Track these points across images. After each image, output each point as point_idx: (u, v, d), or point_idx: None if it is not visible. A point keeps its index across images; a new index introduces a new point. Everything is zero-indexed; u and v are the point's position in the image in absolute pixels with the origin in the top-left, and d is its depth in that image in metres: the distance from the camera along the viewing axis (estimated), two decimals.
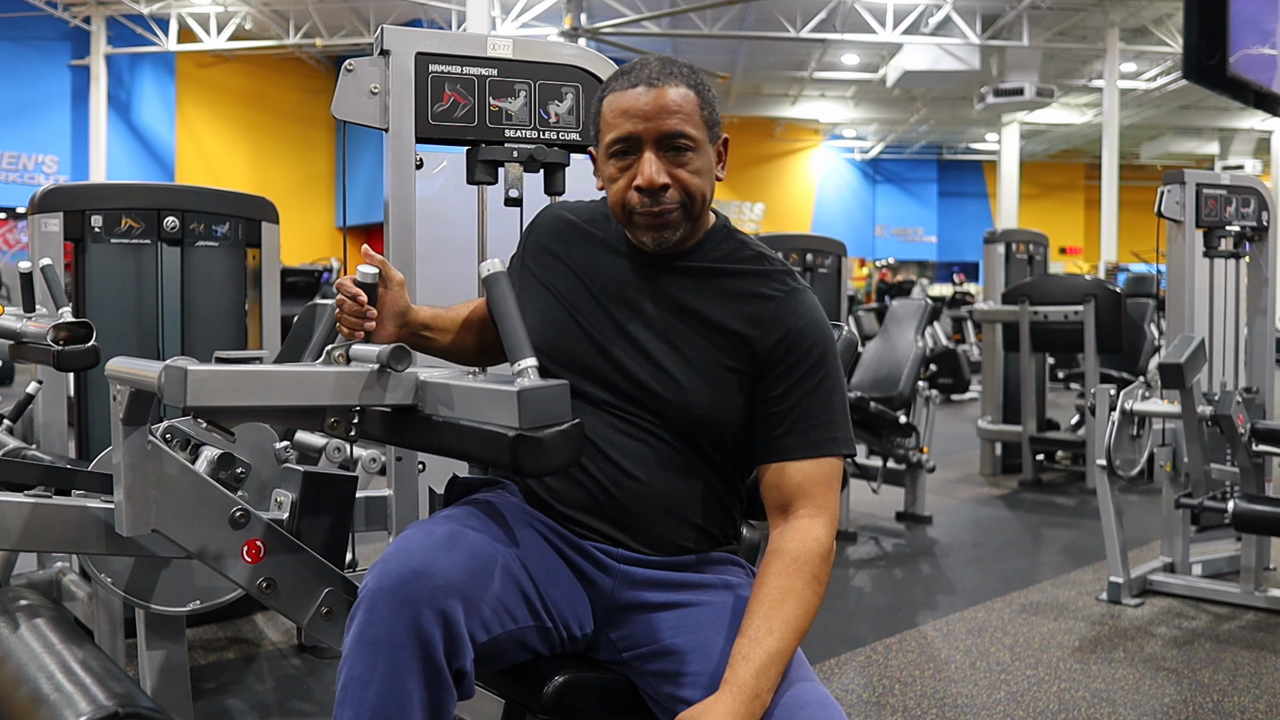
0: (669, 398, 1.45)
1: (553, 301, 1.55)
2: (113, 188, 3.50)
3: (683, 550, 1.48)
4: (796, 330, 1.46)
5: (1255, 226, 4.29)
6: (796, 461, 1.42)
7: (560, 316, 1.53)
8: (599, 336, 1.50)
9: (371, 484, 3.83)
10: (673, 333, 1.48)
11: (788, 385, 1.44)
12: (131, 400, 1.39)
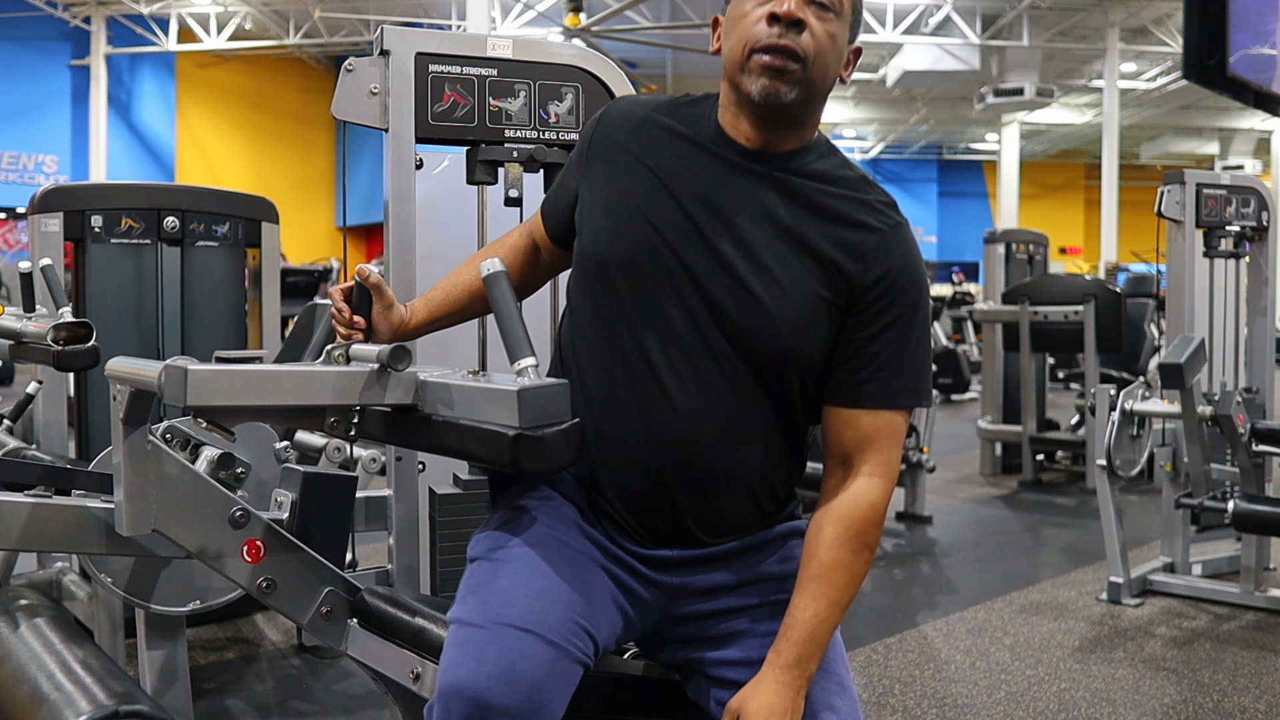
0: (756, 326, 1.32)
1: (624, 205, 1.37)
2: (113, 188, 3.50)
3: (747, 516, 1.39)
4: (898, 270, 1.34)
5: (1255, 226, 4.29)
6: (870, 410, 1.35)
7: (634, 223, 1.36)
8: (680, 249, 1.34)
9: (371, 484, 3.83)
10: (767, 252, 1.33)
11: (880, 328, 1.34)
12: (131, 400, 1.39)
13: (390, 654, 1.58)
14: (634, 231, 1.36)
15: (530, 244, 1.61)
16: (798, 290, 1.33)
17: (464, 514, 2.31)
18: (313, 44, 16.54)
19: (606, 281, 1.37)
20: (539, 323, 2.46)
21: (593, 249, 1.39)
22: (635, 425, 1.35)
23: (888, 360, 1.34)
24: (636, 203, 1.36)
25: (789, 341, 1.33)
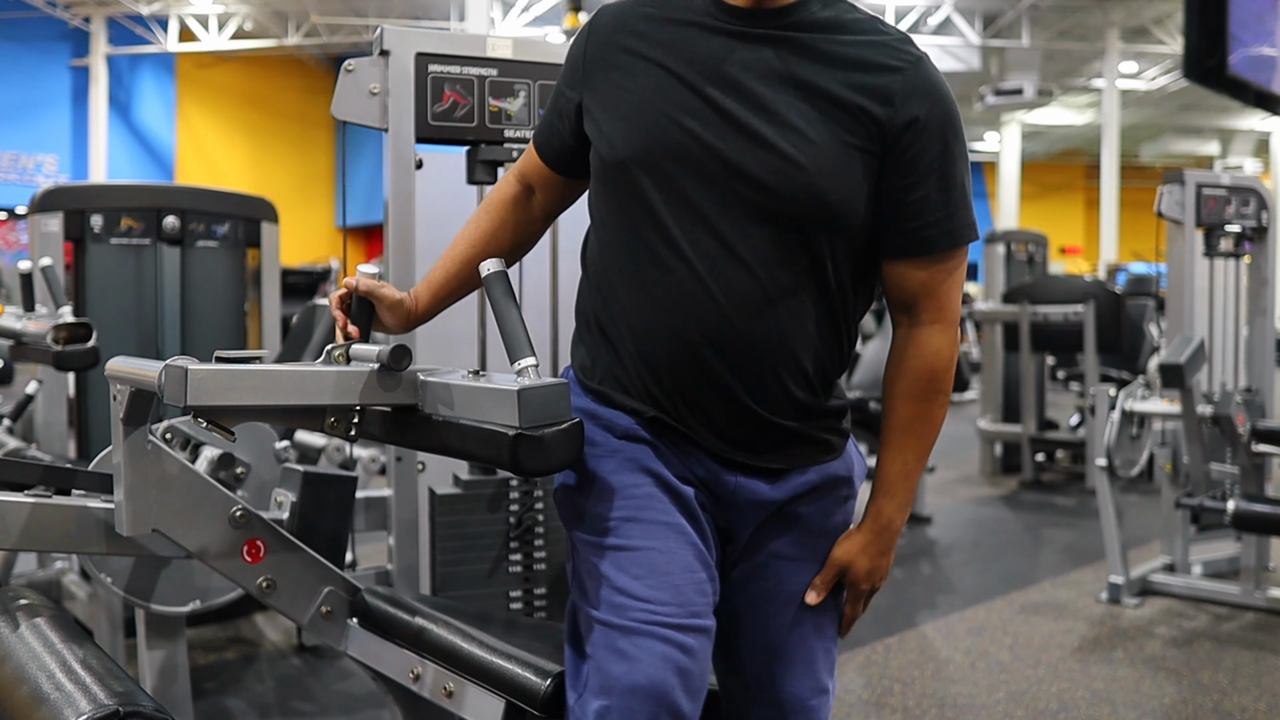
0: (796, 188, 1.27)
1: (636, 104, 1.33)
2: (113, 188, 3.51)
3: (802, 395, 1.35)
4: (929, 108, 1.29)
5: (1255, 226, 4.29)
6: (924, 258, 1.33)
7: (649, 119, 1.31)
8: (703, 131, 1.29)
9: (371, 484, 3.83)
10: (792, 113, 1.28)
11: (923, 171, 1.30)
12: (131, 400, 1.39)
13: (390, 654, 1.58)
14: (651, 127, 1.30)
15: (520, 190, 1.54)
16: (828, 143, 1.27)
17: (464, 514, 2.31)
18: (313, 44, 16.54)
19: (629, 183, 1.32)
20: (539, 323, 2.46)
21: (610, 154, 1.34)
22: (677, 321, 1.30)
23: (935, 203, 1.31)
24: (648, 98, 1.31)
25: (832, 195, 1.27)
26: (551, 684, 1.37)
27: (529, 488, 2.35)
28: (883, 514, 1.39)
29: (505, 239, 1.53)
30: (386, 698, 1.71)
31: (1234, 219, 4.20)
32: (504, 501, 2.33)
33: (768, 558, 1.39)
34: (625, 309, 1.35)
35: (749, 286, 1.28)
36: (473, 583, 2.30)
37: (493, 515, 2.32)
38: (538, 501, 2.35)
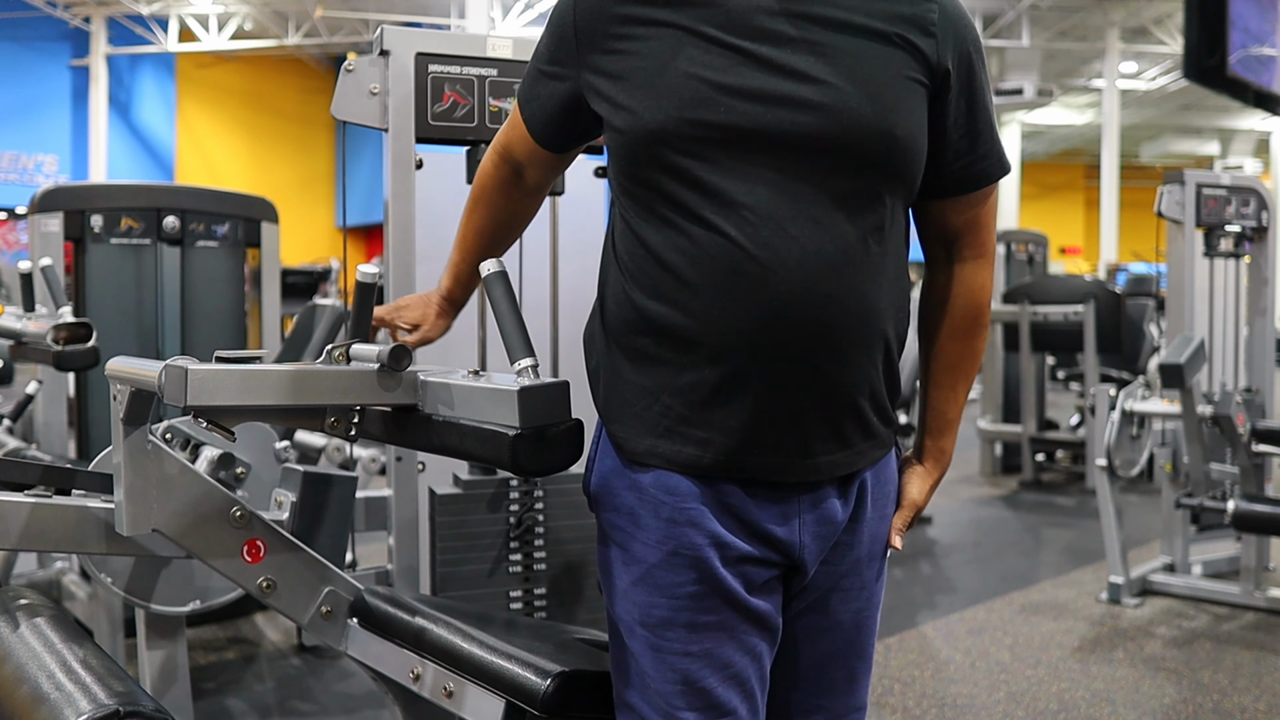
0: (862, 128, 1.15)
1: (654, 68, 1.17)
2: (113, 188, 3.51)
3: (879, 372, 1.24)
4: (965, 36, 1.24)
5: (1255, 226, 4.29)
6: (970, 194, 1.29)
7: (677, 81, 1.16)
8: (744, 83, 1.15)
9: (371, 484, 3.84)
10: (837, 49, 1.17)
11: (968, 102, 1.25)
12: (131, 400, 1.39)
13: (390, 654, 1.58)
14: (679, 89, 1.16)
15: (508, 173, 1.44)
16: (887, 76, 1.18)
17: (464, 514, 2.31)
18: (313, 44, 16.53)
19: (664, 156, 1.17)
20: (539, 323, 2.46)
21: (637, 128, 1.17)
22: (752, 294, 1.15)
23: (983, 134, 1.27)
24: (668, 61, 1.17)
25: (901, 130, 1.18)
26: (551, 684, 1.37)
27: (529, 488, 2.35)
28: (945, 453, 1.40)
29: (514, 227, 1.52)
30: (386, 698, 1.71)
31: (1234, 219, 4.20)
32: (504, 501, 2.33)
33: (827, 591, 1.30)
34: (685, 294, 1.17)
35: (823, 246, 1.15)
36: (473, 583, 2.30)
37: (493, 515, 2.32)
38: (538, 501, 2.35)
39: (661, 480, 1.21)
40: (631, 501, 1.23)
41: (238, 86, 18.11)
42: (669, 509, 1.21)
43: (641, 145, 1.18)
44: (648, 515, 1.22)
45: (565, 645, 1.63)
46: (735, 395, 1.17)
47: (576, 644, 1.69)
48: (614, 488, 1.25)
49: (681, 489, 1.20)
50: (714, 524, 1.20)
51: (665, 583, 1.21)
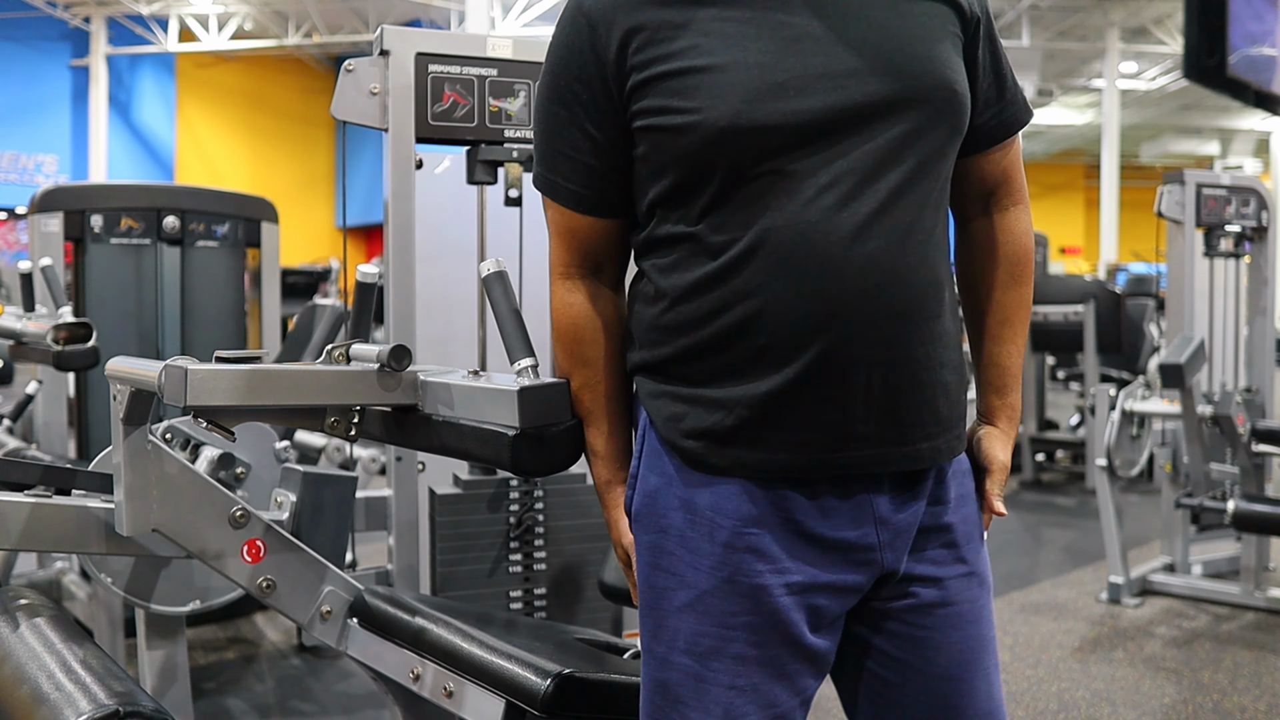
0: (928, 83, 1.13)
1: (704, 66, 1.10)
2: (113, 188, 3.51)
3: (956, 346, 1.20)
4: None
5: (1255, 226, 4.29)
6: (1002, 143, 1.27)
7: (736, 75, 1.09)
8: (806, 62, 1.10)
9: (371, 484, 3.84)
10: (883, 10, 1.14)
11: (989, 54, 1.23)
12: (131, 400, 1.39)
13: (390, 654, 1.58)
14: (740, 84, 1.09)
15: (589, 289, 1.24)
16: (938, 34, 1.16)
17: (464, 514, 2.31)
18: (313, 44, 16.54)
19: (730, 156, 1.09)
20: (539, 323, 2.46)
21: (703, 132, 1.09)
22: (830, 272, 1.09)
23: (1004, 82, 1.26)
24: (718, 58, 1.10)
25: (959, 85, 1.15)
26: (551, 684, 1.37)
27: (529, 488, 2.35)
28: (1015, 408, 1.34)
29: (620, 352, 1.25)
30: (386, 698, 1.71)
31: (1234, 219, 4.20)
32: (504, 501, 2.33)
33: (935, 587, 1.20)
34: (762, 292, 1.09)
35: (899, 219, 1.11)
36: (473, 583, 2.30)
37: (493, 515, 2.32)
38: (538, 502, 2.35)
39: (720, 502, 1.13)
40: (681, 523, 1.15)
41: (238, 86, 18.11)
42: (726, 532, 1.12)
43: (708, 148, 1.10)
44: (701, 538, 1.14)
45: (565, 645, 1.63)
46: (824, 388, 1.10)
47: (576, 644, 1.69)
48: (661, 507, 1.16)
49: (743, 511, 1.12)
50: (776, 548, 1.12)
51: (717, 611, 1.13)
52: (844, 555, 1.14)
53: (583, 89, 1.15)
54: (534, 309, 2.44)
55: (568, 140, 1.18)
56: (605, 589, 1.81)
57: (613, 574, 1.78)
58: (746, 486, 1.13)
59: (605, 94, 1.14)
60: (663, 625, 1.17)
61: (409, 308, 2.27)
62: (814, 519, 1.13)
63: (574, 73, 1.15)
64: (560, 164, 1.19)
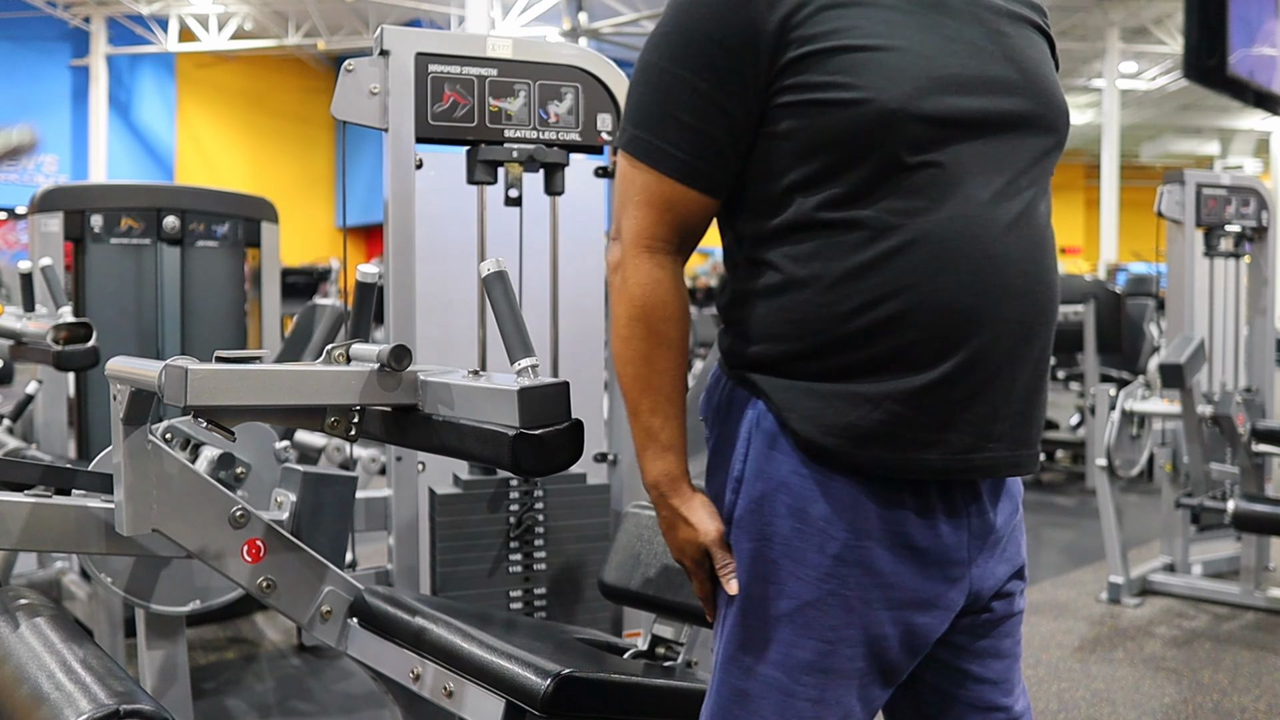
0: (1057, 107, 1.18)
1: (877, 44, 1.07)
2: (113, 188, 3.51)
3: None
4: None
5: (1255, 226, 4.29)
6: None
7: (907, 60, 1.07)
8: (966, 62, 1.11)
9: (371, 484, 3.84)
10: (1018, 41, 1.16)
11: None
12: (131, 400, 1.39)
13: (390, 654, 1.58)
14: (910, 68, 1.07)
15: (675, 264, 1.17)
16: (1047, 59, 1.19)
17: (464, 514, 2.31)
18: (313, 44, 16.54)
19: (894, 139, 1.06)
20: (539, 323, 2.46)
21: (873, 108, 1.06)
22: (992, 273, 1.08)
23: None
24: (887, 39, 1.08)
25: (1066, 109, 1.20)
26: (551, 684, 1.37)
27: (529, 488, 2.35)
28: None
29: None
30: (386, 698, 1.71)
31: (1234, 219, 4.20)
32: (504, 501, 2.33)
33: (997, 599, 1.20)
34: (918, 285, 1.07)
35: (1033, 223, 1.12)
36: (473, 583, 2.30)
37: (493, 515, 2.32)
38: (538, 502, 2.35)
39: (835, 512, 1.09)
40: (789, 531, 1.10)
41: (238, 86, 18.11)
42: (838, 544, 1.09)
43: (874, 127, 1.06)
44: (810, 549, 1.10)
45: (565, 645, 1.63)
46: (973, 385, 1.08)
47: (576, 644, 1.69)
48: (767, 514, 1.11)
49: (856, 523, 1.09)
50: (884, 564, 1.10)
51: (818, 624, 1.10)
52: (943, 571, 1.13)
53: (725, 56, 1.08)
54: (534, 309, 2.44)
55: (689, 107, 1.10)
56: (605, 589, 1.81)
57: (613, 574, 1.78)
58: (863, 497, 1.09)
59: (754, 64, 1.08)
60: (754, 634, 1.12)
61: (409, 308, 2.27)
62: (920, 531, 1.11)
63: (716, 38, 1.08)
64: (673, 131, 1.11)
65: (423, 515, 2.37)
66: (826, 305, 1.08)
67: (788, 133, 1.09)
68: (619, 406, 2.48)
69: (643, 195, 1.13)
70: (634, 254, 1.13)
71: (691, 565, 1.18)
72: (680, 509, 1.15)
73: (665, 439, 1.15)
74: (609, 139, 2.40)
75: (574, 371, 2.55)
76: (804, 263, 1.09)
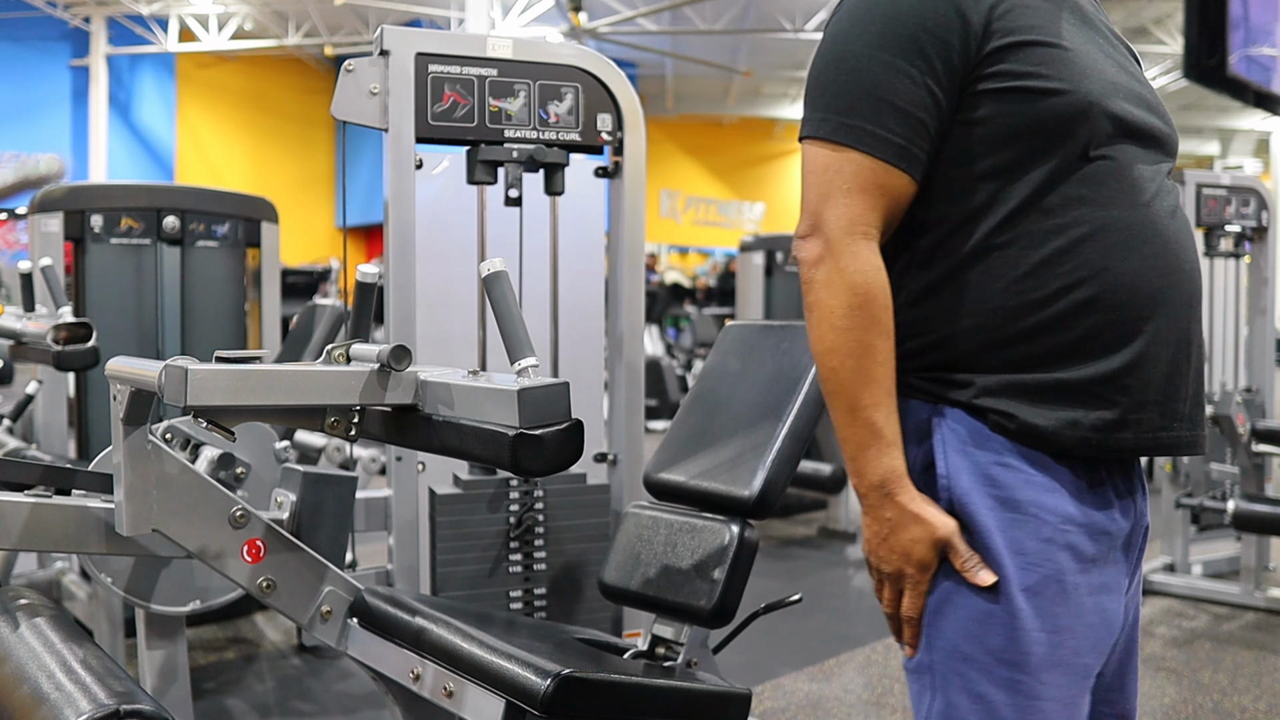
0: (1169, 123, 1.22)
1: (1073, 53, 1.13)
2: (113, 188, 3.51)
3: None
4: None
5: (1255, 226, 4.29)
6: None
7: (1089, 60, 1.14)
8: (1122, 66, 1.19)
9: (371, 484, 3.84)
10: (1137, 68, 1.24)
11: None
12: (131, 400, 1.39)
13: (390, 654, 1.58)
14: (1092, 68, 1.13)
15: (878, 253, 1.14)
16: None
17: (464, 514, 2.31)
18: (313, 44, 16.54)
19: (1083, 134, 1.11)
20: (539, 323, 2.46)
21: (1072, 99, 1.10)
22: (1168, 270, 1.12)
23: None
24: (1078, 47, 1.14)
25: None
26: (551, 684, 1.37)
27: (529, 488, 2.35)
28: None
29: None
30: (386, 698, 1.71)
31: (1234, 219, 4.20)
32: (504, 501, 2.33)
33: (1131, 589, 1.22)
34: (1109, 268, 1.10)
35: (1178, 214, 1.17)
36: (473, 583, 2.30)
37: (493, 515, 2.32)
38: (538, 502, 2.35)
39: (1039, 496, 1.09)
40: (1002, 522, 1.10)
41: (238, 86, 18.11)
42: (1050, 529, 1.09)
43: (1072, 119, 1.11)
44: (1026, 536, 1.09)
45: (565, 645, 1.63)
46: (1162, 364, 1.11)
47: (576, 644, 1.69)
48: (978, 508, 1.11)
49: (1060, 507, 1.10)
50: (1088, 547, 1.10)
51: (1046, 613, 1.09)
52: (1124, 555, 1.15)
53: (935, 44, 1.10)
54: (534, 309, 2.44)
55: (902, 92, 1.10)
56: (605, 589, 1.81)
57: (613, 574, 1.78)
58: (1060, 483, 1.10)
59: (963, 52, 1.10)
60: (988, 632, 1.09)
61: (409, 308, 2.27)
62: (1106, 515, 1.12)
63: (927, 25, 1.10)
64: (887, 115, 1.10)
65: (423, 515, 2.37)
66: (1024, 292, 1.10)
67: (985, 119, 1.11)
68: (619, 406, 2.48)
69: (854, 182, 1.11)
70: (849, 242, 1.10)
71: (914, 571, 1.12)
72: (909, 507, 1.10)
73: (889, 435, 1.11)
74: (609, 139, 2.40)
75: (574, 371, 2.55)
76: (1000, 250, 1.11)
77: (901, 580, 1.13)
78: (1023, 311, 1.10)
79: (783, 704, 2.82)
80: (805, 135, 1.15)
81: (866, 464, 1.11)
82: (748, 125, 21.40)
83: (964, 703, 1.10)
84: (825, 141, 1.12)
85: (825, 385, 1.12)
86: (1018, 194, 1.11)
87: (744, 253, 5.40)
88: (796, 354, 1.79)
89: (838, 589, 4.10)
